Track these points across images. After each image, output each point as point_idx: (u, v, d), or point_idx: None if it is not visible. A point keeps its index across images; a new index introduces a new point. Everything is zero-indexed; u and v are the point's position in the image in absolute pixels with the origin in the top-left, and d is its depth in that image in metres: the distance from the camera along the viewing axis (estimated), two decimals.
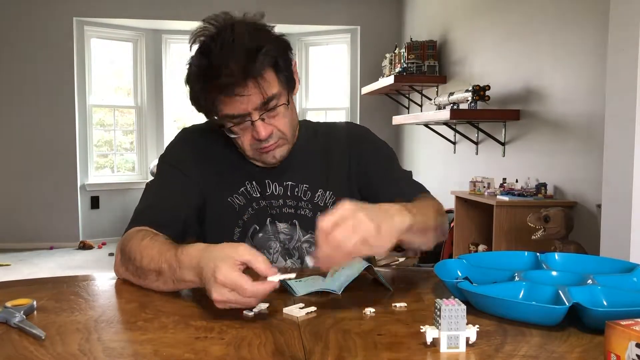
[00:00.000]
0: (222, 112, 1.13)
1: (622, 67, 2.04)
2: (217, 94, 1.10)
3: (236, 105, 1.11)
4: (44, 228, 5.71)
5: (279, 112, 1.15)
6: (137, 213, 1.19)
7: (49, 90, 5.64)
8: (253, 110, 1.12)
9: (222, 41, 1.08)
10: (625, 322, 0.64)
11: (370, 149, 1.31)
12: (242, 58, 1.07)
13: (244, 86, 1.09)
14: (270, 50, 1.11)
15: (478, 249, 3.40)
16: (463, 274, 1.03)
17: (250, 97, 1.10)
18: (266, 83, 1.11)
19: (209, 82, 1.10)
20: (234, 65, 1.06)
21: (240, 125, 1.15)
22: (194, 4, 5.65)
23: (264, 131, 1.14)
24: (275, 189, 1.26)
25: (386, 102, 5.72)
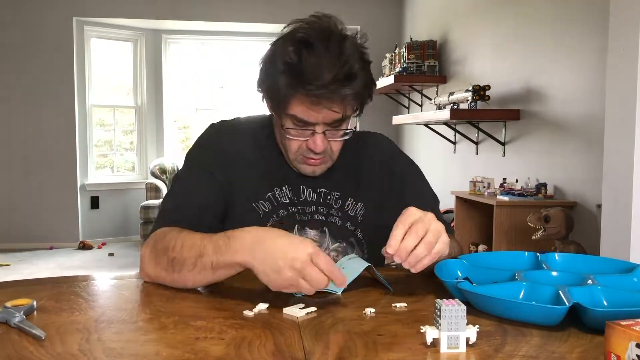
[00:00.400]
0: (292, 112, 1.10)
1: (622, 67, 2.04)
2: (301, 95, 1.07)
3: (313, 113, 1.09)
4: (44, 228, 5.71)
5: (339, 132, 1.15)
6: (164, 213, 1.17)
7: (49, 89, 5.64)
8: (321, 123, 1.11)
9: (328, 46, 1.06)
10: (626, 322, 0.63)
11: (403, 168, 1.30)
12: (344, 76, 1.05)
13: (331, 100, 1.07)
14: (366, 79, 1.10)
15: (478, 249, 3.40)
16: (463, 274, 1.03)
17: (330, 111, 1.09)
18: (348, 106, 1.11)
19: (299, 80, 1.05)
20: (334, 78, 1.04)
21: (300, 129, 1.13)
22: (194, 4, 5.65)
23: (321, 145, 1.12)
24: (309, 195, 1.23)
25: (386, 102, 5.72)
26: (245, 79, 6.34)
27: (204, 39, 6.35)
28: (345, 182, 1.26)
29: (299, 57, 1.06)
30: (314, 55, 1.06)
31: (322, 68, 1.05)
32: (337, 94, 1.06)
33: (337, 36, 1.09)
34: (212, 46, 6.52)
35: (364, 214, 1.25)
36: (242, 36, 6.26)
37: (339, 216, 1.24)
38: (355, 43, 1.11)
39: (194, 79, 6.57)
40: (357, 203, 1.25)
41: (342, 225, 1.24)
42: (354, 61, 1.08)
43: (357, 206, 1.25)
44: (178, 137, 6.65)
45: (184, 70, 6.49)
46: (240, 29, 6.07)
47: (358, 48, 1.11)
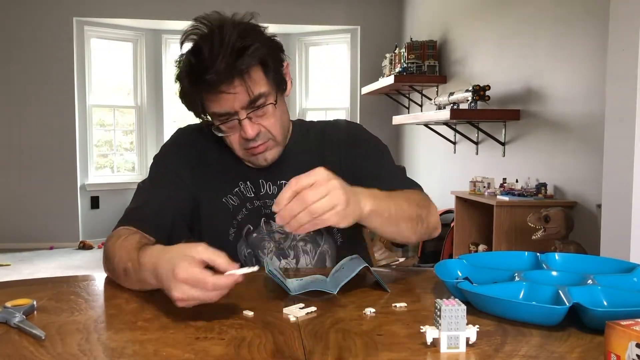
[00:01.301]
0: (210, 109, 1.14)
1: (622, 67, 2.04)
2: (204, 91, 1.11)
3: (222, 103, 1.11)
4: (44, 228, 5.71)
5: (266, 111, 1.15)
6: (126, 213, 1.21)
7: (49, 90, 5.64)
8: (240, 109, 1.12)
9: (211, 40, 1.09)
10: (626, 322, 0.64)
11: (363, 147, 1.30)
12: (229, 56, 1.07)
13: (229, 83, 1.09)
14: (258, 48, 1.11)
15: (478, 249, 3.40)
16: (463, 274, 1.03)
17: (237, 95, 1.10)
18: (252, 81, 1.11)
19: (196, 79, 1.10)
20: (221, 63, 1.07)
21: (228, 124, 1.15)
22: (194, 4, 5.62)
23: (250, 130, 1.14)
24: (269, 188, 1.26)
25: (386, 102, 5.72)
26: None
27: None
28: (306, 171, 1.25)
29: (188, 61, 1.12)
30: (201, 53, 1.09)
31: (210, 59, 1.07)
32: (232, 72, 1.08)
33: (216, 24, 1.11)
34: None
35: None
36: None
37: None
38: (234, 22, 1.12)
39: None
40: None
41: None
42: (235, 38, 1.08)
43: None
44: None
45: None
46: None
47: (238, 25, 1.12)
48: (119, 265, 1.02)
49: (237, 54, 1.08)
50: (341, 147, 1.29)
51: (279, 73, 1.17)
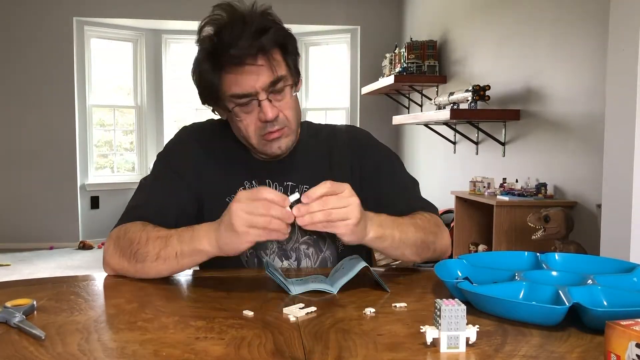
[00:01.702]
0: (229, 91, 1.12)
1: (622, 67, 2.04)
2: (226, 68, 1.10)
3: (244, 82, 1.10)
4: (44, 228, 5.71)
5: (285, 95, 1.15)
6: (128, 210, 1.20)
7: (49, 90, 5.64)
8: (261, 90, 1.11)
9: (232, 23, 1.09)
10: (625, 322, 0.63)
11: (376, 156, 1.29)
12: (253, 33, 1.08)
13: (253, 59, 1.09)
14: (279, 30, 1.13)
15: (478, 249, 3.40)
16: (463, 274, 1.03)
17: (259, 72, 1.10)
18: (275, 61, 1.12)
19: (218, 58, 1.09)
20: (245, 41, 1.07)
21: (245, 107, 1.13)
22: (194, 4, 5.63)
23: (270, 112, 1.12)
24: (275, 188, 1.24)
25: (386, 102, 5.72)
26: None
27: None
28: (315, 175, 1.24)
29: (210, 40, 1.11)
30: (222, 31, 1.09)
31: (233, 38, 1.08)
32: (256, 49, 1.08)
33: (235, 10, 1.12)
34: None
35: None
36: None
37: None
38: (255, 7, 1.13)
39: None
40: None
41: None
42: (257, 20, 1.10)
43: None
44: None
45: (184, 70, 6.49)
46: None
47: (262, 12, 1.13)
48: (154, 244, 1.04)
49: (260, 33, 1.09)
50: (353, 153, 1.29)
51: (296, 62, 1.18)
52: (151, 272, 1.06)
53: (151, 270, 1.05)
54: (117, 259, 1.10)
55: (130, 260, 1.07)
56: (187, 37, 6.32)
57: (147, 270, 1.06)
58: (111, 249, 1.12)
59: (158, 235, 1.06)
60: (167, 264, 1.04)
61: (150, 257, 1.04)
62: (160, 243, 1.04)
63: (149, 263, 1.04)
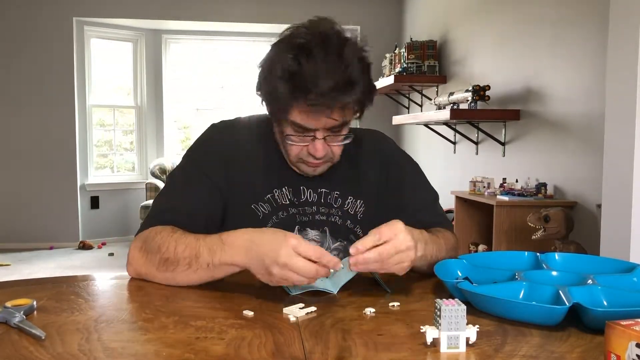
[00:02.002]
0: (292, 118, 1.10)
1: (622, 67, 2.04)
2: (301, 103, 1.06)
3: (310, 119, 1.09)
4: (44, 228, 5.71)
5: (340, 137, 1.15)
6: (159, 211, 1.16)
7: (49, 90, 5.64)
8: (322, 129, 1.11)
9: (327, 52, 1.05)
10: (625, 322, 0.64)
11: (399, 168, 1.30)
12: (343, 83, 1.04)
13: (330, 110, 1.07)
14: (365, 85, 1.09)
15: (478, 249, 3.40)
16: (463, 274, 1.03)
17: (331, 118, 1.09)
18: (348, 112, 1.11)
19: (299, 88, 1.05)
20: (334, 86, 1.03)
21: (300, 136, 1.12)
22: (194, 4, 5.65)
23: (321, 151, 1.12)
24: (309, 195, 1.23)
25: (386, 102, 5.72)
26: (246, 79, 6.33)
27: (204, 39, 6.35)
28: (344, 181, 1.26)
29: (299, 63, 1.04)
30: (313, 63, 1.04)
31: (322, 76, 1.03)
32: (337, 101, 1.06)
33: (336, 41, 1.08)
34: (212, 46, 6.52)
35: (364, 211, 1.26)
36: (242, 36, 6.25)
37: (339, 215, 1.24)
38: (355, 47, 1.10)
39: (194, 79, 6.56)
40: (356, 201, 1.26)
41: (342, 224, 1.24)
42: (354, 67, 1.06)
43: (357, 204, 1.26)
44: (178, 137, 6.64)
45: (184, 70, 6.49)
46: (240, 29, 6.07)
47: (358, 52, 1.10)
48: (184, 253, 1.02)
49: (351, 85, 1.05)
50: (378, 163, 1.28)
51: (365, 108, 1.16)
52: (181, 281, 1.04)
53: (182, 279, 1.03)
54: (143, 263, 1.07)
55: (159, 268, 1.04)
56: (187, 37, 6.32)
57: (177, 280, 1.03)
58: (137, 252, 1.09)
59: (187, 245, 1.03)
60: (198, 274, 1.01)
61: (181, 266, 1.02)
62: (190, 253, 1.01)
63: (179, 272, 1.02)
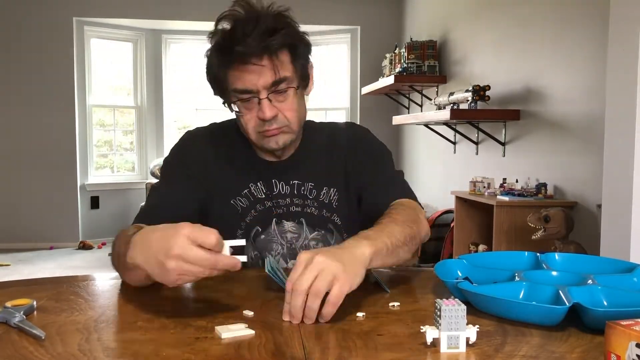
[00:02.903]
0: (232, 86, 1.14)
1: (622, 67, 2.04)
2: (232, 64, 1.12)
3: (246, 79, 1.12)
4: (44, 228, 5.71)
5: (287, 96, 1.16)
6: (139, 213, 1.21)
7: (49, 90, 5.64)
8: (262, 88, 1.12)
9: (246, 20, 1.11)
10: (626, 322, 0.63)
11: (365, 150, 1.31)
12: (261, 34, 1.09)
13: (258, 58, 1.10)
14: (290, 33, 1.14)
15: (478, 249, 3.40)
16: (463, 274, 1.03)
17: (262, 71, 1.11)
18: (280, 63, 1.13)
19: (225, 53, 1.12)
20: (253, 40, 1.09)
21: (246, 103, 1.15)
22: (194, 4, 5.64)
23: (268, 112, 1.13)
24: (282, 188, 1.26)
25: (386, 102, 5.71)
26: None
27: (204, 39, 6.30)
28: (317, 171, 1.28)
29: (221, 34, 1.13)
30: (234, 27, 1.11)
31: (242, 32, 1.09)
32: (262, 49, 1.10)
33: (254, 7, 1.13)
34: None
35: (338, 199, 1.27)
36: None
37: (315, 206, 1.26)
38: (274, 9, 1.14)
39: (194, 79, 6.56)
40: (330, 189, 1.27)
41: (318, 214, 1.26)
42: (271, 20, 1.12)
43: (331, 192, 1.27)
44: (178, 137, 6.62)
45: (184, 70, 6.48)
46: None
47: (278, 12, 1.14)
48: (118, 254, 0.99)
49: (270, 33, 1.10)
50: (346, 150, 1.30)
51: (304, 66, 1.19)
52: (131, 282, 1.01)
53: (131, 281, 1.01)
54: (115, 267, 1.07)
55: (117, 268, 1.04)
56: (187, 37, 6.32)
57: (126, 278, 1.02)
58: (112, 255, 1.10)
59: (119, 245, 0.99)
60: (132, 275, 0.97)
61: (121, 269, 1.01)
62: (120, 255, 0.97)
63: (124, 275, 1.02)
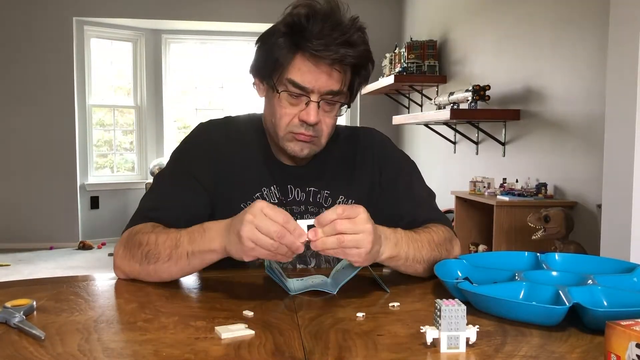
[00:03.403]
0: (291, 75, 1.09)
1: (622, 67, 2.04)
2: (303, 55, 1.07)
3: (310, 75, 1.07)
4: (44, 228, 5.71)
5: (333, 109, 1.14)
6: (143, 210, 1.15)
7: (49, 90, 5.64)
8: (317, 92, 1.09)
9: (331, 18, 1.06)
10: (626, 322, 0.63)
11: (394, 166, 1.27)
12: (344, 42, 1.05)
13: (331, 62, 1.06)
14: (367, 54, 1.11)
15: (478, 249, 3.40)
16: (463, 274, 1.03)
17: (327, 77, 1.08)
18: (345, 78, 1.11)
19: (302, 37, 1.05)
20: (335, 41, 1.04)
21: (294, 99, 1.10)
22: (194, 4, 5.64)
23: (313, 116, 1.10)
24: (297, 194, 1.22)
25: (386, 102, 5.71)
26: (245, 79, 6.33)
27: (204, 39, 6.35)
28: (336, 180, 1.24)
29: (305, 18, 1.06)
30: (318, 19, 1.06)
31: (326, 28, 1.05)
32: (338, 54, 1.06)
33: (338, 10, 1.10)
34: (212, 46, 6.52)
35: None
36: (242, 36, 6.25)
37: None
38: (356, 20, 1.11)
39: (194, 79, 6.56)
40: (347, 200, 1.23)
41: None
42: (355, 31, 1.08)
43: (349, 203, 1.22)
44: (178, 137, 6.63)
45: (184, 70, 6.48)
46: (240, 29, 6.07)
47: (359, 24, 1.11)
48: (164, 244, 1.00)
49: (352, 45, 1.07)
50: (373, 161, 1.26)
51: (360, 87, 1.17)
52: (164, 274, 1.03)
53: (164, 272, 1.02)
54: (127, 262, 1.06)
55: (142, 263, 1.03)
56: (187, 37, 6.32)
57: (159, 273, 1.02)
58: (121, 252, 1.08)
59: (168, 236, 1.01)
60: (178, 265, 1.00)
61: (162, 258, 1.00)
62: (171, 243, 1.00)
63: (161, 264, 1.01)
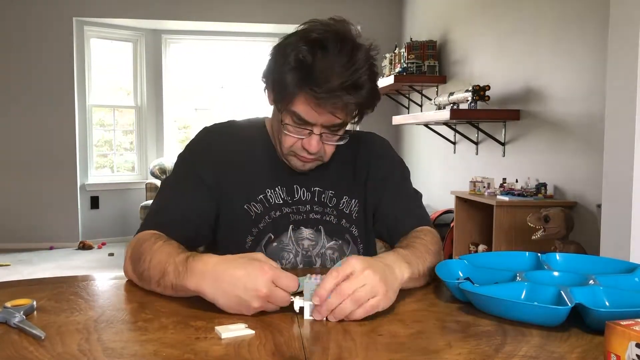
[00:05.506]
0: (294, 109, 1.11)
1: (622, 67, 2.04)
2: (307, 95, 1.08)
3: (313, 115, 1.10)
4: (44, 228, 5.71)
5: (336, 136, 1.16)
6: (151, 215, 1.17)
7: (49, 90, 5.64)
8: (320, 126, 1.12)
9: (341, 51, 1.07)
10: (625, 322, 0.63)
11: (387, 166, 1.30)
12: (351, 84, 1.06)
13: (334, 106, 1.08)
14: (373, 92, 1.12)
15: (478, 249, 3.40)
16: (464, 275, 1.03)
17: (332, 115, 1.10)
18: (350, 113, 1.12)
19: (308, 80, 1.06)
20: (342, 84, 1.05)
21: (297, 128, 1.13)
22: (194, 4, 5.64)
23: (315, 147, 1.13)
24: (303, 194, 1.24)
25: (386, 102, 5.71)
26: (245, 79, 6.34)
27: (204, 39, 6.35)
28: (339, 180, 1.27)
29: (312, 56, 1.06)
30: (327, 58, 1.06)
31: (333, 72, 1.05)
32: (341, 100, 1.07)
33: (351, 43, 1.10)
34: (212, 46, 6.52)
35: (358, 210, 1.27)
36: (242, 36, 6.26)
37: (334, 214, 1.25)
38: (367, 53, 1.12)
39: (194, 79, 6.56)
40: (351, 200, 1.26)
41: (337, 223, 1.25)
42: (364, 72, 1.08)
43: (352, 203, 1.27)
44: (178, 137, 6.64)
45: (184, 70, 6.49)
46: (240, 29, 6.07)
47: (369, 59, 1.11)
48: (156, 268, 0.99)
49: (359, 87, 1.07)
50: (370, 162, 1.29)
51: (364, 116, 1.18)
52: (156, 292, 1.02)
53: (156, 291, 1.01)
54: (130, 272, 1.08)
55: (140, 279, 1.04)
56: (187, 37, 6.32)
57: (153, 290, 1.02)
58: (128, 258, 1.09)
59: (160, 260, 1.00)
60: (167, 292, 0.98)
61: (153, 283, 1.00)
62: (161, 269, 0.98)
63: (154, 287, 1.00)
